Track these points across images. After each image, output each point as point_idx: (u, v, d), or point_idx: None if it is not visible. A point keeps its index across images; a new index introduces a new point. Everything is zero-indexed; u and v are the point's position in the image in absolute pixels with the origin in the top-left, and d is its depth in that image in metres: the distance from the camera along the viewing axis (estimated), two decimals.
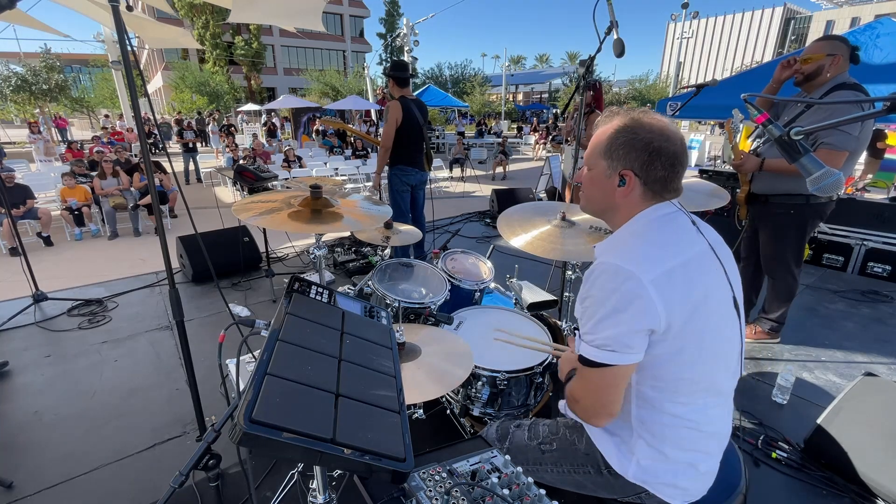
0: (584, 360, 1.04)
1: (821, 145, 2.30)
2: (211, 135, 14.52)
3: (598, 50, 2.37)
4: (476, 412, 1.88)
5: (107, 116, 17.81)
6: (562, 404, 1.36)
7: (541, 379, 1.85)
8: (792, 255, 2.64)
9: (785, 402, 2.44)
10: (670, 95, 12.92)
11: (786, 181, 2.45)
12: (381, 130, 4.73)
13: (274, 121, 17.79)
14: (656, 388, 1.05)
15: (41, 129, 13.49)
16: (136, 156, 12.36)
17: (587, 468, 1.22)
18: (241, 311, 3.61)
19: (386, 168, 3.97)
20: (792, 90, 2.60)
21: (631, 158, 1.06)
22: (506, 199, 6.48)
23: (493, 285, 2.78)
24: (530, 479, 1.00)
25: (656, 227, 1.07)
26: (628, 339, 0.98)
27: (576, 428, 1.30)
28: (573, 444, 1.27)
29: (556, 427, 1.34)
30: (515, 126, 26.64)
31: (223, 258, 4.26)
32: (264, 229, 3.92)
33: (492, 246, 4.19)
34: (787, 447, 2.10)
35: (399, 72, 3.77)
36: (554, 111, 29.94)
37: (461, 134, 16.40)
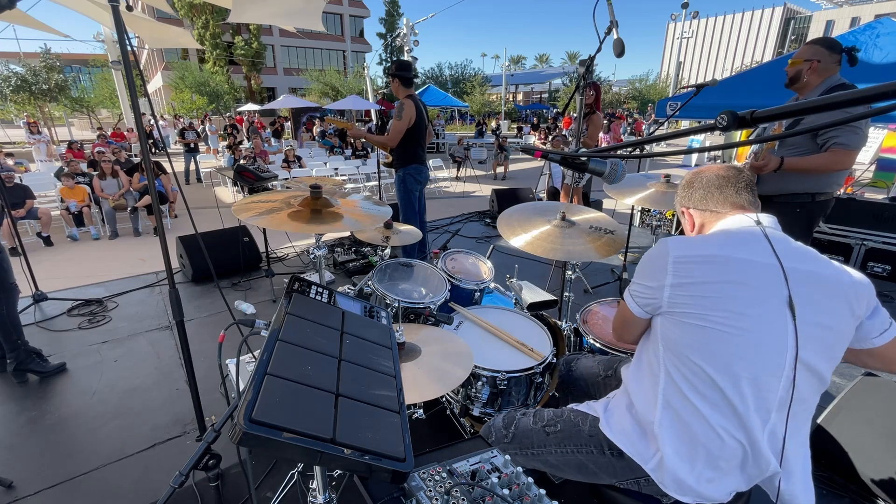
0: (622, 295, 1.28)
1: (833, 145, 2.29)
2: (209, 134, 14.49)
3: (598, 50, 2.36)
4: (476, 412, 1.88)
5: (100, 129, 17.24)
6: (586, 403, 1.42)
7: (541, 379, 1.85)
8: None
9: None
10: (670, 95, 12.91)
11: (790, 181, 2.44)
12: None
13: (285, 123, 17.71)
14: (677, 365, 1.12)
15: (41, 129, 13.46)
16: (135, 156, 12.38)
17: (590, 448, 1.27)
18: (246, 307, 3.61)
19: (391, 169, 3.97)
20: (786, 93, 2.61)
21: (682, 197, 1.38)
22: (506, 199, 6.48)
23: (492, 285, 2.78)
24: (530, 479, 1.00)
25: (722, 226, 1.22)
26: (637, 289, 1.20)
27: (580, 413, 1.34)
28: (577, 425, 1.32)
29: (562, 412, 1.39)
30: (515, 126, 26.62)
31: (223, 258, 4.26)
32: (264, 229, 3.92)
33: (492, 246, 4.20)
34: None
35: (404, 71, 3.74)
36: (555, 111, 29.91)
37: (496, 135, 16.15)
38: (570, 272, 2.49)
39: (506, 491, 0.95)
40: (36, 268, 3.91)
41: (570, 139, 4.51)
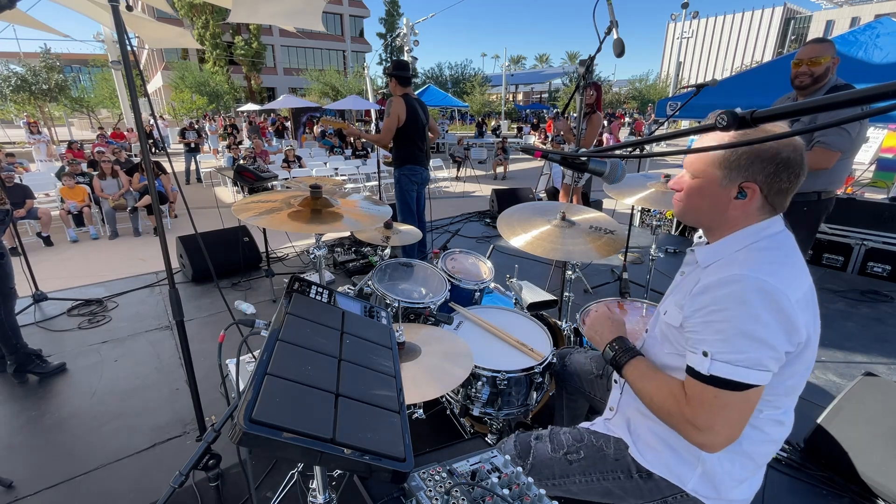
0: (720, 382, 0.93)
1: (816, 143, 2.30)
2: (209, 134, 14.48)
3: (598, 50, 2.36)
4: (476, 412, 1.88)
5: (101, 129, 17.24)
6: (601, 422, 1.32)
7: (541, 379, 1.85)
8: (803, 252, 2.63)
9: None
10: (670, 95, 12.91)
11: None
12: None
13: (286, 123, 17.71)
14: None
15: (41, 129, 13.45)
16: (136, 156, 12.38)
17: (617, 473, 1.20)
18: (246, 307, 3.61)
19: (392, 169, 3.97)
20: (784, 91, 2.59)
21: (755, 169, 0.97)
22: (506, 199, 6.48)
23: (492, 285, 2.78)
24: (530, 479, 1.00)
25: (782, 247, 1.00)
26: (771, 363, 0.93)
27: (601, 435, 1.27)
28: (601, 450, 1.23)
29: (580, 434, 1.29)
30: (515, 126, 26.60)
31: (223, 258, 4.26)
32: (264, 229, 3.92)
33: (492, 246, 4.20)
34: (787, 447, 2.10)
35: (401, 71, 3.74)
36: (555, 111, 29.87)
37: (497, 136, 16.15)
38: (570, 272, 2.49)
39: (506, 491, 0.95)
40: (36, 268, 3.91)
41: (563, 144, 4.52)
